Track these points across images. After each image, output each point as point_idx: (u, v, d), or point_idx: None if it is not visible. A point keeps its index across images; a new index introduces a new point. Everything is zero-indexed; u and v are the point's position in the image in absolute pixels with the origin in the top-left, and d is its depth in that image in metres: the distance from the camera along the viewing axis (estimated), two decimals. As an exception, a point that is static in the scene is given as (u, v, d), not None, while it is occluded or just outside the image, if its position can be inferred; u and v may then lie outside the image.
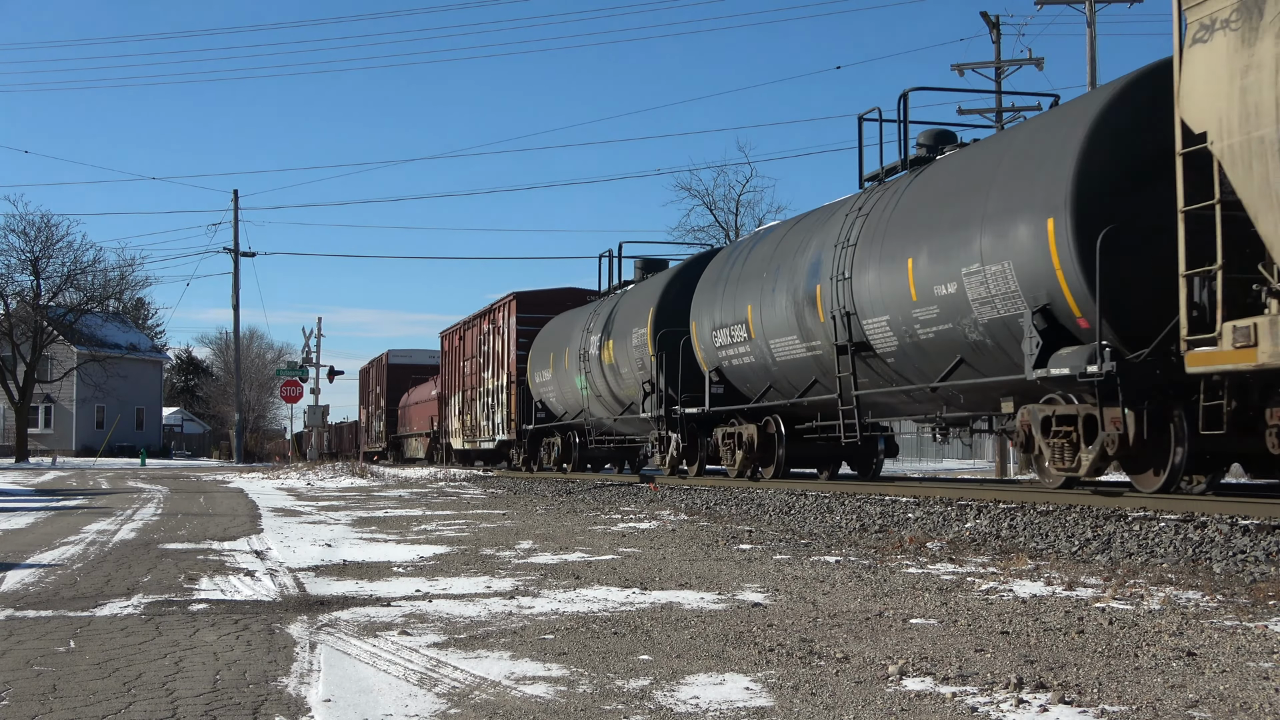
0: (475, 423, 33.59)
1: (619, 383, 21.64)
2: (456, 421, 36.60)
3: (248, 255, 53.22)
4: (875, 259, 12.92)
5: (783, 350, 15.51)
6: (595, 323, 23.07)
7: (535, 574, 7.49)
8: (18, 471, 38.33)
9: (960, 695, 3.96)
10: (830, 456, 17.80)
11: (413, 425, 47.75)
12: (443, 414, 39.32)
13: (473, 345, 34.15)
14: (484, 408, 32.39)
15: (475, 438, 33.66)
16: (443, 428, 39.25)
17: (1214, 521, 8.24)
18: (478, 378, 33.23)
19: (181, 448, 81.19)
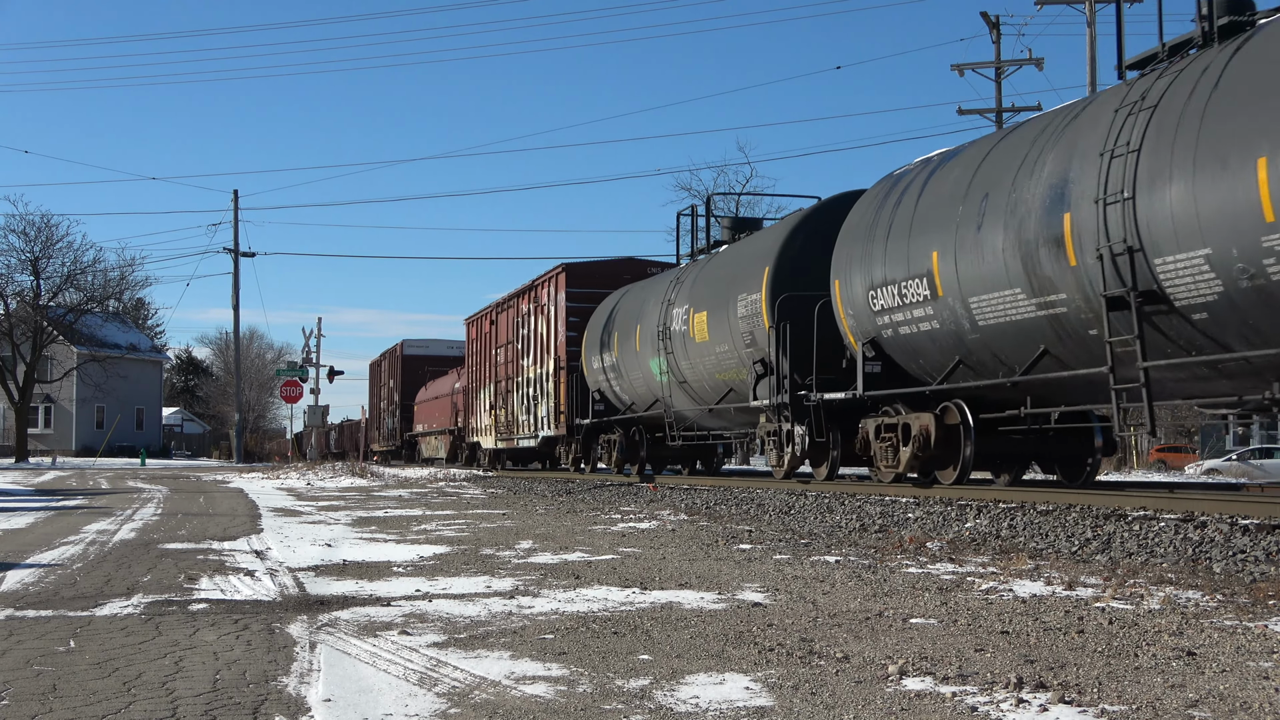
0: (511, 418, 29.62)
1: (715, 364, 17.68)
2: (487, 417, 32.47)
3: (248, 255, 53.30)
4: (1184, 165, 9.05)
5: (993, 310, 11.47)
6: (679, 292, 19.03)
7: (535, 574, 7.49)
8: (18, 471, 38.33)
9: (960, 695, 3.96)
10: (1027, 455, 14.15)
11: (431, 422, 43.69)
12: (469, 409, 35.32)
13: (508, 329, 30.02)
14: (523, 400, 28.31)
15: (512, 434, 29.59)
16: (468, 425, 35.45)
17: (1214, 521, 8.24)
18: (515, 366, 29.13)
19: (181, 448, 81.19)
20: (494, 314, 31.60)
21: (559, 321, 25.33)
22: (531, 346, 27.44)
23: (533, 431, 27.38)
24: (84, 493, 21.19)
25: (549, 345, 26.00)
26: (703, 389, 18.56)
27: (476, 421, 33.86)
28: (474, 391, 34.22)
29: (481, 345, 33.23)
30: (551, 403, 25.55)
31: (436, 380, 43.68)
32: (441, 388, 41.65)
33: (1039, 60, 36.19)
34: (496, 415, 30.86)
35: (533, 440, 27.56)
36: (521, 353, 28.36)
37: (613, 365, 22.24)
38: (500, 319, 30.90)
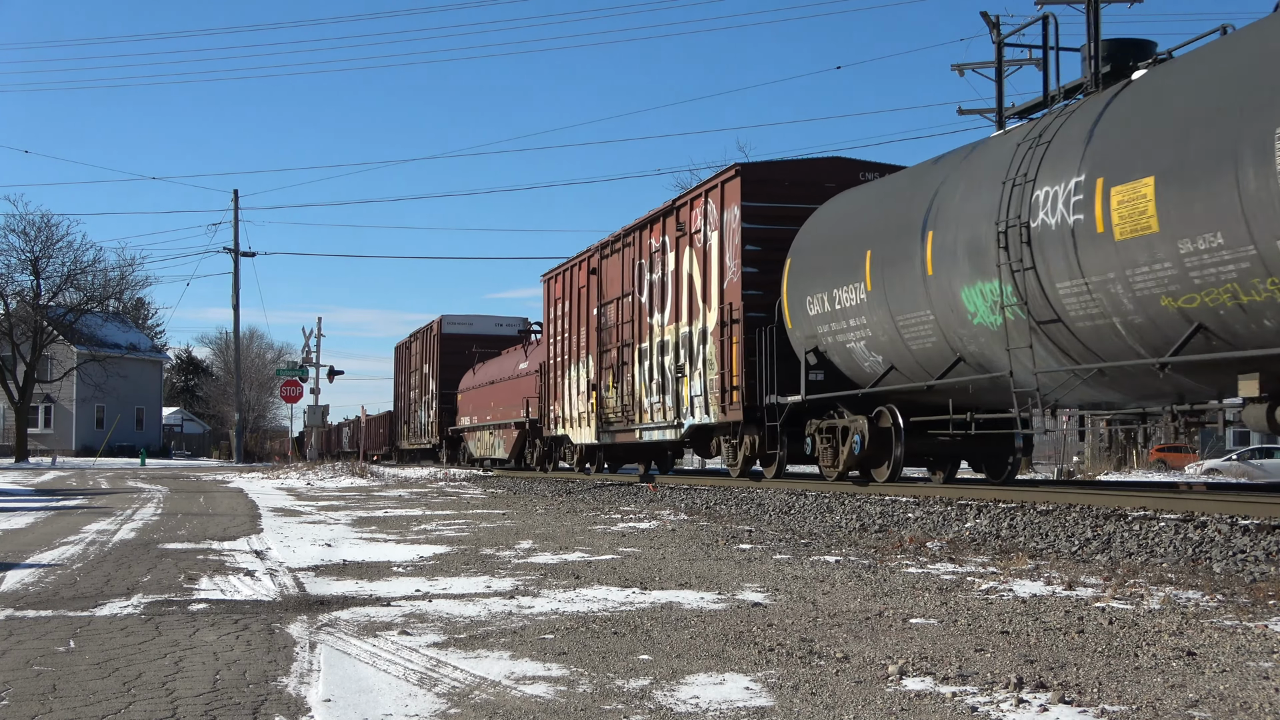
0: (629, 400, 21.08)
1: (1171, 277, 9.06)
2: (580, 402, 24.11)
3: (248, 255, 53.30)
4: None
5: None
6: (1055, 156, 10.41)
7: (535, 574, 7.49)
8: (17, 471, 38.34)
9: (960, 695, 3.96)
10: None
11: (484, 413, 34.27)
12: (549, 393, 26.70)
13: (623, 278, 21.50)
14: (652, 374, 19.91)
15: (630, 423, 21.06)
16: (547, 413, 26.86)
17: (1214, 521, 8.24)
18: (635, 328, 20.81)
19: (181, 448, 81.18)
20: (594, 260, 23.16)
21: (727, 252, 16.73)
22: (670, 296, 19.05)
23: (673, 418, 18.81)
24: (84, 493, 21.18)
25: (707, 289, 17.39)
26: (1110, 332, 10.00)
27: (562, 409, 25.41)
28: (558, 370, 25.89)
29: (572, 306, 24.73)
30: (714, 374, 17.00)
31: (489, 362, 35.15)
32: (497, 370, 33.23)
33: (1039, 60, 36.17)
34: (599, 399, 22.56)
35: (672, 430, 19.12)
36: (648, 307, 20.03)
37: (856, 308, 13.55)
38: (606, 267, 22.42)
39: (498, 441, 33.16)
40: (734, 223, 16.67)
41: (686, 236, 18.44)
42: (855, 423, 14.25)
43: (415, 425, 44.47)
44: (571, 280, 25.01)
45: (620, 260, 21.75)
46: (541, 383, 27.41)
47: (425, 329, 42.21)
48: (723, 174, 17.27)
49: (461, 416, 37.53)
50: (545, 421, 27.16)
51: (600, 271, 22.87)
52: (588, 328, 23.65)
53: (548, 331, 27.08)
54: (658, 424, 19.77)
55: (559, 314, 26.11)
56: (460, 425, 37.67)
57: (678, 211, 18.96)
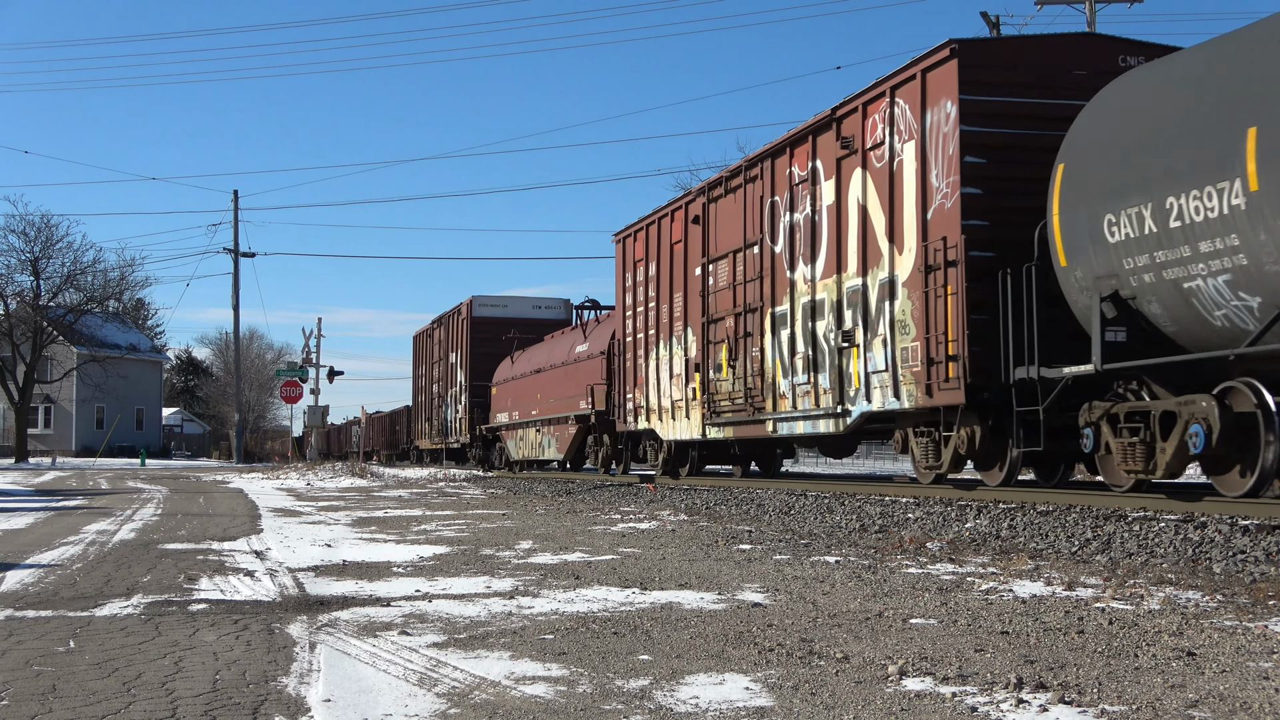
0: (757, 383, 15.65)
1: None
2: (676, 389, 18.83)
3: (248, 255, 53.34)
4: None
5: None
6: None
7: (535, 574, 7.49)
8: (17, 472, 38.34)
9: (960, 695, 3.96)
10: None
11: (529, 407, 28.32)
12: (624, 379, 21.48)
13: (746, 223, 16.22)
14: (797, 346, 14.70)
15: (760, 412, 15.61)
16: (623, 404, 21.57)
17: (1214, 521, 8.24)
18: (759, 288, 15.66)
19: (181, 448, 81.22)
20: (696, 206, 18.06)
21: (933, 168, 11.86)
22: (825, 239, 14.00)
23: (833, 403, 13.70)
24: (84, 493, 21.19)
25: (895, 224, 12.47)
26: None
27: (643, 397, 20.32)
28: (637, 349, 20.74)
29: (660, 269, 19.60)
30: (909, 341, 12.12)
31: (532, 349, 29.78)
32: (546, 356, 27.60)
33: (1039, 60, 36.13)
34: (706, 382, 17.24)
35: (830, 420, 13.93)
36: (787, 258, 14.94)
37: (1219, 222, 8.63)
38: (716, 213, 17.25)
39: (548, 440, 27.18)
40: (945, 126, 11.74)
41: (856, 155, 13.25)
42: (1190, 406, 9.13)
43: (439, 422, 38.28)
44: (660, 236, 19.61)
45: (739, 201, 16.37)
46: (610, 367, 22.59)
47: (452, 313, 36.29)
48: (924, 59, 12.07)
49: (498, 412, 31.64)
50: (617, 414, 21.74)
51: (707, 219, 17.52)
52: (685, 293, 18.32)
53: (622, 303, 21.51)
54: (805, 412, 14.33)
55: (638, 280, 20.63)
56: (496, 422, 31.65)
57: (840, 124, 13.60)
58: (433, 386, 39.55)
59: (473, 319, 33.94)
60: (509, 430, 30.86)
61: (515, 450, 30.39)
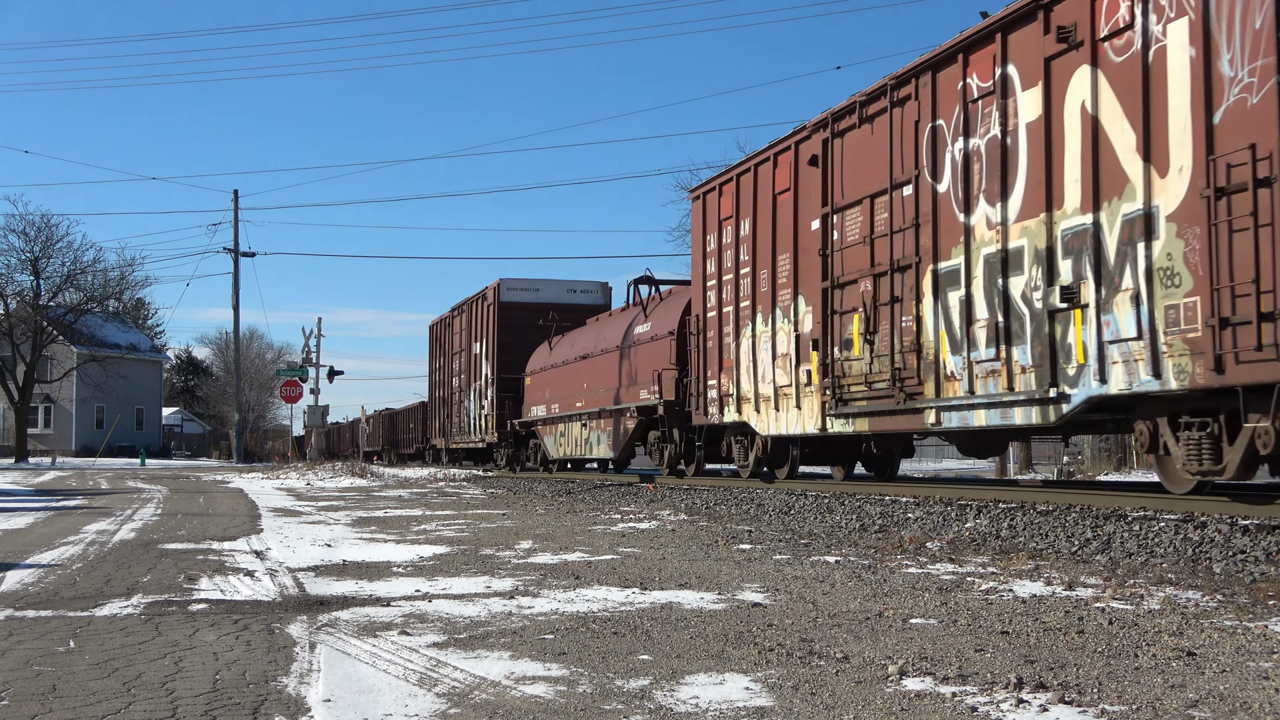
0: (910, 360, 12.33)
1: None
2: (781, 371, 15.30)
3: (248, 255, 53.31)
4: None
5: None
6: None
7: (535, 574, 7.49)
8: (17, 471, 38.35)
9: (960, 695, 3.96)
10: None
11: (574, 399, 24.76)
12: (705, 362, 17.72)
13: (893, 157, 12.86)
14: (973, 312, 11.36)
15: (915, 398, 12.27)
16: (702, 392, 17.72)
17: (1214, 521, 8.24)
18: (925, 237, 12.18)
19: (181, 448, 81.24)
20: (812, 145, 14.49)
21: (1222, 54, 8.68)
22: (1022, 170, 10.79)
23: (1040, 384, 10.38)
24: (84, 493, 21.19)
25: (1151, 139, 9.29)
26: None
27: (731, 383, 16.65)
28: (723, 327, 17.11)
29: (758, 226, 16.01)
30: (1175, 297, 8.93)
31: (573, 334, 26.57)
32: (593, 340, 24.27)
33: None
34: (828, 363, 13.86)
35: (1036, 408, 10.54)
36: (960, 198, 11.59)
37: None
38: (842, 151, 13.86)
39: (596, 436, 23.60)
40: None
41: (1080, 50, 10.06)
42: None
43: (461, 419, 34.67)
44: (757, 187, 15.99)
45: (880, 132, 13.01)
46: (682, 350, 19.01)
47: (476, 299, 32.69)
48: None
49: (532, 406, 28.02)
50: (694, 404, 18.00)
51: (829, 159, 14.06)
52: (795, 255, 14.83)
53: (701, 273, 17.83)
54: (989, 398, 10.95)
55: (725, 243, 17.05)
56: (531, 417, 28.07)
57: (1049, 11, 10.47)
58: (452, 380, 36.04)
59: (501, 304, 30.37)
60: (547, 425, 27.30)
61: (554, 448, 26.67)
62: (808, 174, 14.62)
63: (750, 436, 16.88)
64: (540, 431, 27.78)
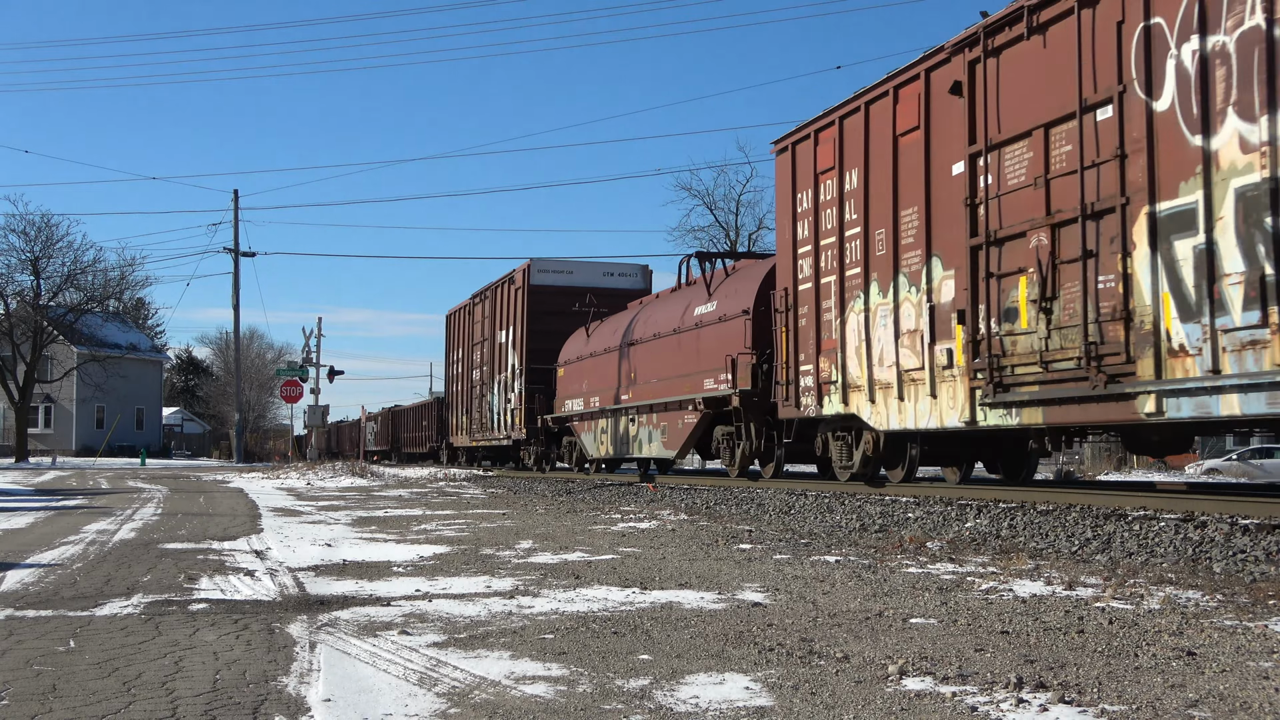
0: (1124, 330, 9.49)
1: None
2: (907, 353, 12.54)
3: (248, 255, 53.31)
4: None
5: None
6: None
7: (535, 574, 7.49)
8: (18, 471, 38.35)
9: (960, 695, 3.96)
10: None
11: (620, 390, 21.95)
12: (795, 343, 15.10)
13: (1090, 68, 9.98)
14: (1224, 257, 8.53)
15: (1131, 378, 9.41)
16: (793, 379, 15.04)
17: (1214, 521, 8.24)
18: (1141, 169, 9.36)
19: (181, 448, 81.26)
20: (944, 73, 12.09)
21: None
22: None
23: None
24: (84, 492, 21.19)
25: None
26: None
27: (836, 368, 13.93)
28: (820, 300, 14.44)
29: (865, 179, 13.43)
30: None
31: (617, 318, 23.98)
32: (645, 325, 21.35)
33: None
34: (972, 340, 11.35)
35: None
36: (1173, 125, 9.19)
37: None
38: (995, 75, 11.30)
39: (647, 433, 20.89)
40: None
41: None
42: None
43: (483, 415, 31.79)
44: (869, 130, 13.28)
45: (1057, 44, 10.48)
46: (759, 331, 16.29)
47: (501, 283, 30.00)
48: None
49: (566, 399, 25.40)
50: (782, 393, 15.23)
51: (979, 86, 11.45)
52: (926, 207, 12.13)
53: (791, 238, 15.09)
54: (1246, 377, 8.42)
55: (824, 201, 14.32)
56: (565, 412, 25.45)
57: None
58: (473, 374, 33.24)
59: (531, 288, 27.59)
60: (584, 421, 24.46)
61: (593, 446, 23.94)
62: (945, 107, 11.99)
63: (855, 432, 14.21)
64: (576, 428, 25.03)
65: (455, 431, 36.03)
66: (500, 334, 29.97)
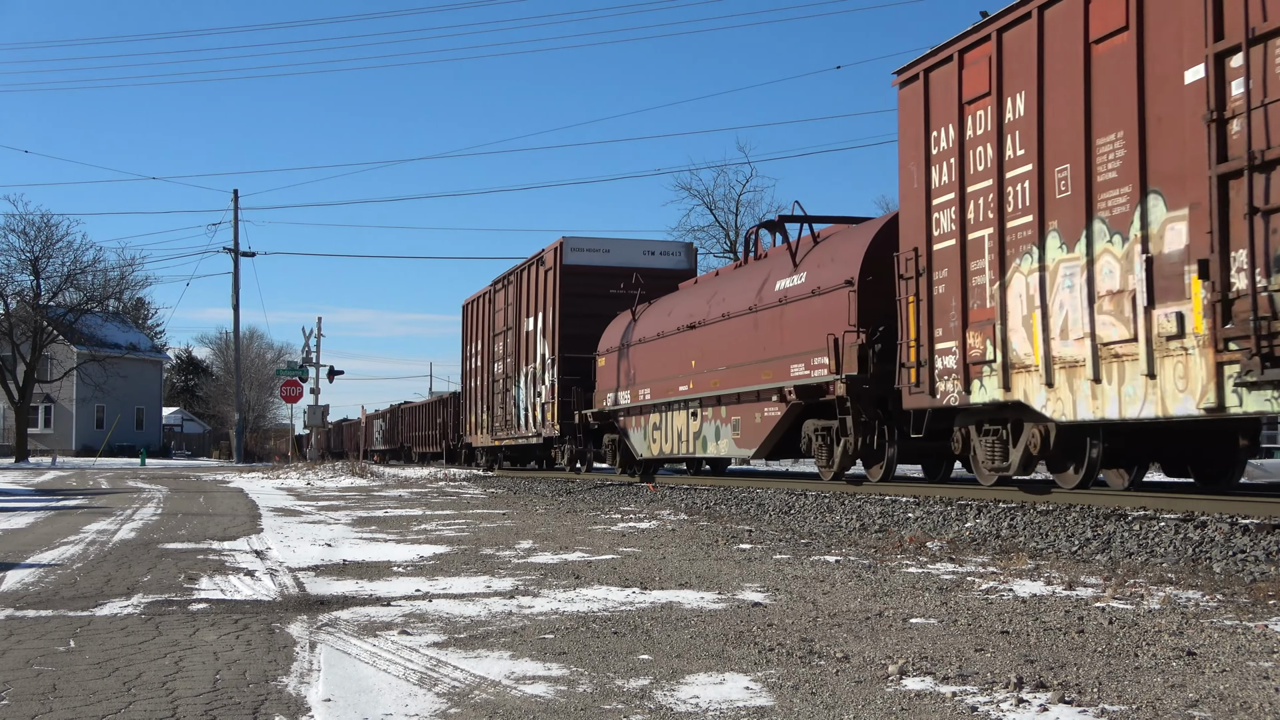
0: None
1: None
2: (1104, 319, 9.70)
3: (248, 255, 53.31)
4: None
5: None
6: None
7: (535, 574, 7.49)
8: (18, 471, 38.35)
9: (960, 695, 3.96)
10: None
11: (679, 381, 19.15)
12: (939, 315, 12.08)
13: None
14: None
15: None
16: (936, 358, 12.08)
17: (1214, 521, 8.24)
18: None
19: (181, 448, 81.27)
20: None
21: None
22: None
23: None
24: (84, 492, 21.19)
25: None
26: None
27: (992, 344, 11.21)
28: (966, 262, 11.67)
29: (1039, 102, 10.63)
30: None
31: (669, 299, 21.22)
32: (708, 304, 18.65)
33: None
34: (1222, 300, 8.37)
35: None
36: None
37: None
38: None
39: (715, 428, 18.05)
40: None
41: None
42: None
43: (506, 411, 28.94)
44: (1039, 41, 10.66)
45: None
46: (866, 305, 13.70)
47: (529, 265, 27.05)
48: None
49: (609, 392, 22.53)
50: (908, 376, 12.52)
51: None
52: (1138, 130, 9.41)
53: (921, 185, 12.39)
54: None
55: (973, 135, 11.69)
56: (611, 406, 22.37)
57: None
58: (494, 366, 30.45)
59: (564, 269, 24.62)
60: (633, 416, 21.55)
61: (644, 444, 21.10)
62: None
63: (1012, 425, 11.55)
64: (624, 423, 21.98)
65: (473, 430, 33.42)
66: (527, 321, 27.16)
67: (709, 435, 18.31)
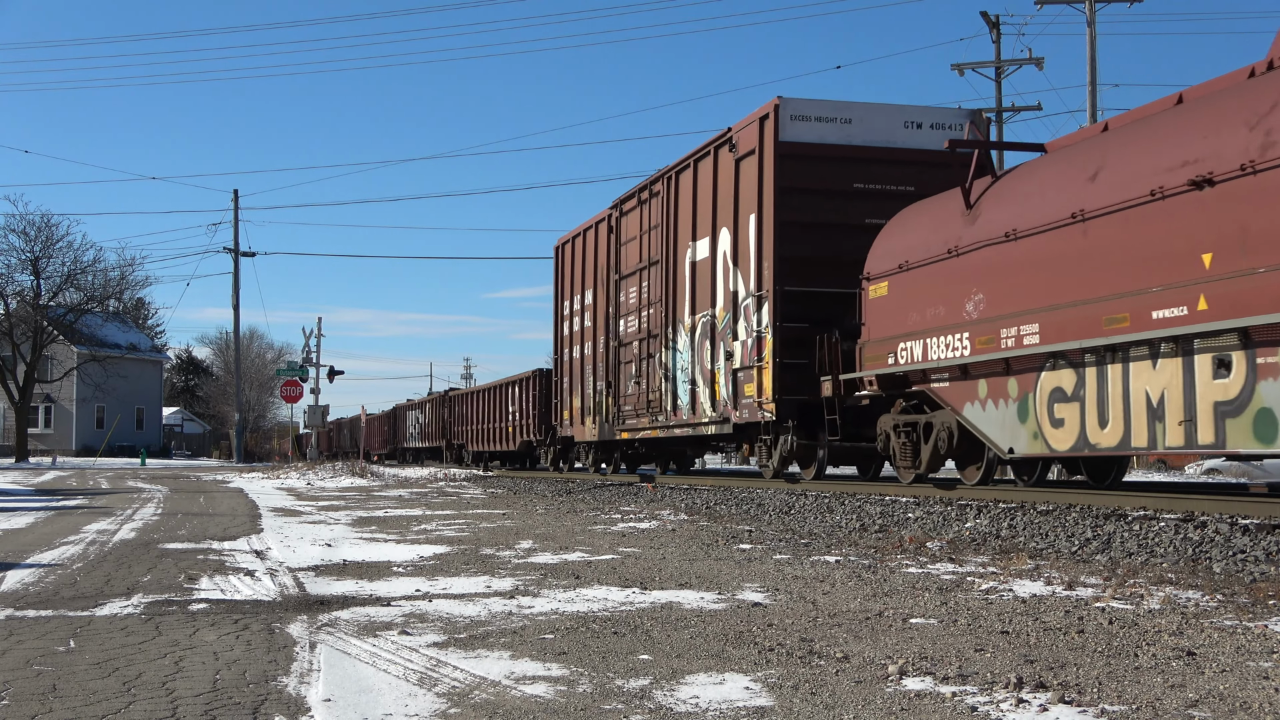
0: None
1: None
2: None
3: (248, 255, 53.35)
4: None
5: None
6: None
7: (535, 574, 7.49)
8: (18, 471, 38.34)
9: (960, 695, 3.96)
10: None
11: (1076, 319, 9.65)
12: None
13: None
14: None
15: None
16: None
17: (1214, 521, 8.24)
18: None
19: (181, 448, 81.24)
20: None
21: None
22: None
23: None
24: (84, 493, 21.18)
25: None
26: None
27: None
28: None
29: None
30: None
31: (1010, 181, 11.43)
32: (1127, 180, 9.35)
33: (1039, 60, 36.10)
34: None
35: None
36: None
37: None
38: None
39: None
40: None
41: None
42: None
43: (650, 388, 19.83)
44: None
45: None
46: None
47: (699, 156, 17.91)
48: None
49: (908, 339, 12.48)
50: None
51: None
52: None
53: None
54: None
55: None
56: (907, 365, 12.49)
57: None
58: (619, 324, 21.57)
59: (782, 149, 15.47)
60: (960, 383, 11.85)
61: (1000, 430, 11.21)
62: None
63: None
64: (941, 394, 12.22)
65: (574, 419, 24.43)
66: (695, 247, 18.09)
67: None
